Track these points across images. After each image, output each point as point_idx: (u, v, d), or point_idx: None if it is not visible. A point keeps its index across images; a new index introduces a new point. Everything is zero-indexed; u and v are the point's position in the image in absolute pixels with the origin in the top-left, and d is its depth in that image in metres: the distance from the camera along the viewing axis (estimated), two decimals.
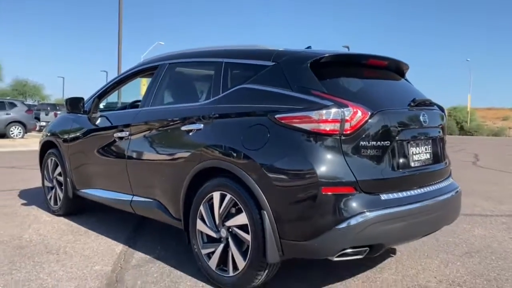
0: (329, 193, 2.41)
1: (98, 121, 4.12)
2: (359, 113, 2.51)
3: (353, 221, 2.40)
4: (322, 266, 3.25)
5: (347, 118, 2.48)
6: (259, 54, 3.01)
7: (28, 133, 18.65)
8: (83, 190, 4.32)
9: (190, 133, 3.08)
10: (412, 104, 2.88)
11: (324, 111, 2.47)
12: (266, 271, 2.67)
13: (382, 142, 2.60)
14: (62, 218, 4.63)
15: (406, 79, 3.39)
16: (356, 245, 2.46)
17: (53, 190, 4.80)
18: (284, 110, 2.60)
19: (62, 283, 2.91)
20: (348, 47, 5.41)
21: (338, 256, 2.48)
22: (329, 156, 2.46)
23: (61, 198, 4.63)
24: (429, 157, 2.95)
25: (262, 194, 2.55)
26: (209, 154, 2.90)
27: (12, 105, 18.37)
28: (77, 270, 3.15)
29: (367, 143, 2.54)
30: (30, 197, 5.68)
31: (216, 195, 2.85)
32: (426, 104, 3.02)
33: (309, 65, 2.71)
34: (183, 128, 3.14)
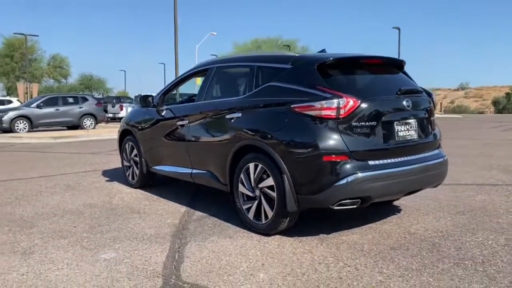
0: (329, 160, 3.38)
1: (164, 113, 5.28)
2: (351, 102, 3.44)
3: (347, 179, 3.36)
4: (335, 217, 4.21)
5: (342, 106, 3.41)
6: (281, 59, 4.00)
7: (99, 124, 20.66)
8: (154, 167, 5.53)
9: (232, 120, 4.13)
10: (399, 92, 3.75)
11: (324, 102, 3.42)
12: (288, 218, 3.68)
13: (370, 123, 3.52)
14: (138, 190, 5.88)
15: (404, 72, 4.23)
16: (349, 197, 3.42)
17: (131, 168, 6.07)
18: (297, 101, 3.57)
19: (145, 230, 4.09)
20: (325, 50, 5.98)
21: (338, 206, 3.46)
22: (328, 134, 3.43)
23: (137, 174, 5.89)
24: (414, 133, 3.81)
25: (283, 163, 3.56)
26: (246, 135, 3.93)
27: (84, 99, 20.44)
28: (154, 223, 4.33)
29: (357, 123, 3.47)
30: (111, 175, 7.03)
31: (252, 166, 3.89)
32: (412, 92, 3.88)
33: (316, 66, 3.65)
34: (227, 116, 4.20)
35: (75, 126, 19.71)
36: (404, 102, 3.73)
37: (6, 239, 3.87)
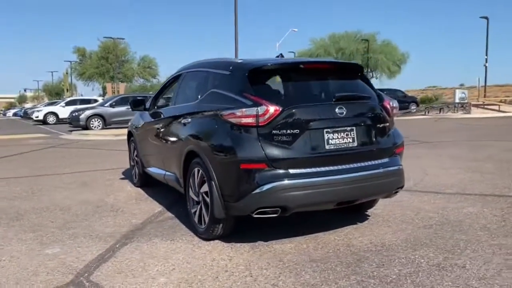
0: (246, 168, 3.37)
1: (150, 116, 5.54)
2: (272, 110, 3.38)
3: (262, 188, 3.32)
4: (293, 223, 4.15)
5: (261, 113, 3.37)
6: (224, 65, 4.02)
7: None
8: (147, 168, 5.82)
9: (185, 125, 4.24)
10: (334, 99, 3.60)
11: (244, 109, 3.41)
12: (221, 224, 3.71)
13: (293, 131, 3.42)
14: (138, 189, 6.22)
15: (362, 77, 4.03)
16: (267, 205, 3.38)
17: (134, 168, 6.43)
18: (226, 108, 3.59)
19: (106, 229, 4.35)
20: (282, 55, 5.60)
21: (257, 214, 3.42)
22: (247, 142, 3.40)
23: (137, 174, 6.23)
24: (352, 141, 3.63)
25: (212, 169, 3.61)
26: (191, 140, 4.02)
27: None
28: (120, 221, 4.59)
29: (279, 131, 3.40)
30: (128, 173, 7.47)
31: (196, 170, 3.97)
32: (350, 98, 3.70)
33: (247, 73, 3.63)
34: (183, 121, 4.32)
35: None
36: (337, 110, 3.57)
37: None
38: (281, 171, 3.38)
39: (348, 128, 3.63)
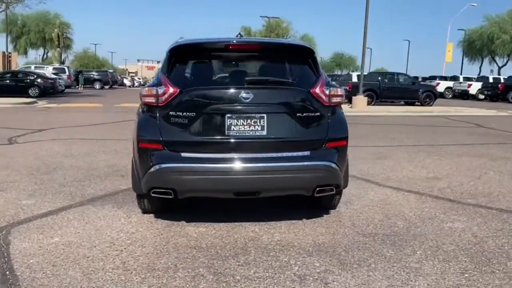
0: (143, 147, 3.43)
1: None
2: (171, 90, 3.35)
3: (154, 168, 3.35)
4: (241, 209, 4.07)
5: (160, 93, 3.36)
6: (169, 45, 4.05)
7: None
8: None
9: None
10: (245, 83, 3.36)
11: (146, 89, 3.45)
12: (146, 200, 3.83)
13: (191, 113, 3.33)
14: None
15: (303, 59, 3.66)
16: (158, 186, 3.38)
17: None
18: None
19: (88, 190, 4.87)
20: (241, 34, 4.61)
21: (154, 194, 3.46)
22: (148, 121, 3.45)
23: None
24: (260, 129, 3.35)
25: (132, 146, 3.75)
26: None
27: None
28: (102, 186, 5.06)
29: (176, 113, 3.35)
30: None
31: None
32: (264, 82, 3.39)
33: (168, 52, 3.63)
34: None
35: None
36: (243, 94, 3.32)
37: None
38: (173, 153, 3.35)
39: (257, 115, 3.36)
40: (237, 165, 3.31)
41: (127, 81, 59.72)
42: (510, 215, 4.17)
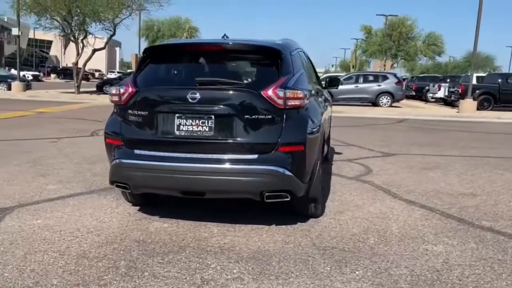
0: (108, 142, 3.67)
1: None
2: (130, 90, 3.53)
3: (114, 163, 3.57)
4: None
5: (121, 93, 3.56)
6: None
7: (395, 103, 20.89)
8: None
9: None
10: (195, 83, 3.38)
11: (113, 88, 3.67)
12: (127, 192, 4.07)
13: (144, 112, 3.47)
14: None
15: (268, 60, 3.56)
16: (116, 180, 3.59)
17: None
18: None
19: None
20: (226, 35, 3.87)
21: (116, 186, 3.68)
22: (114, 118, 3.69)
23: None
24: (208, 130, 3.34)
25: None
26: None
27: (385, 77, 21.05)
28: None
29: (133, 111, 3.52)
30: None
31: None
32: (212, 83, 3.36)
33: (142, 54, 3.80)
34: None
35: (372, 103, 20.77)
36: (189, 95, 3.34)
37: None
38: (128, 150, 3.53)
39: (205, 116, 3.36)
40: (183, 164, 3.36)
41: None
42: None
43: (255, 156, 3.35)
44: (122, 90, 3.59)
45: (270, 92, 3.34)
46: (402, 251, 3.31)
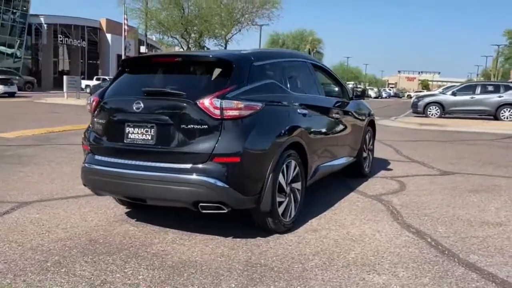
0: (84, 148, 4.01)
1: None
2: (95, 99, 3.82)
3: (81, 167, 3.90)
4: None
5: (90, 102, 3.87)
6: None
7: None
8: None
9: None
10: (145, 94, 3.52)
11: (89, 98, 3.99)
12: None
13: (103, 120, 3.73)
14: None
15: (225, 71, 3.55)
16: (83, 183, 3.90)
17: None
18: None
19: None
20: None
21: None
22: (89, 126, 4.01)
23: None
24: (150, 138, 3.45)
25: None
26: None
27: (507, 88, 18.60)
28: None
29: (97, 120, 3.82)
30: None
31: None
32: (153, 94, 3.47)
33: (121, 63, 4.10)
34: None
35: (492, 116, 18.55)
36: (135, 105, 3.49)
37: None
38: (92, 155, 3.81)
39: (149, 125, 3.48)
40: (127, 171, 3.52)
41: (372, 92, 60.22)
42: (487, 283, 2.91)
43: (189, 165, 3.35)
44: (91, 100, 3.91)
45: (206, 102, 3.32)
46: (333, 278, 2.99)
